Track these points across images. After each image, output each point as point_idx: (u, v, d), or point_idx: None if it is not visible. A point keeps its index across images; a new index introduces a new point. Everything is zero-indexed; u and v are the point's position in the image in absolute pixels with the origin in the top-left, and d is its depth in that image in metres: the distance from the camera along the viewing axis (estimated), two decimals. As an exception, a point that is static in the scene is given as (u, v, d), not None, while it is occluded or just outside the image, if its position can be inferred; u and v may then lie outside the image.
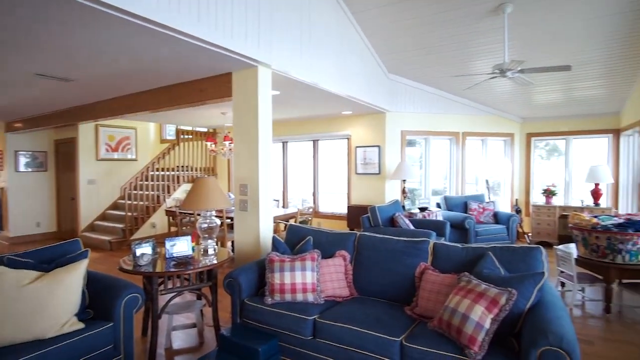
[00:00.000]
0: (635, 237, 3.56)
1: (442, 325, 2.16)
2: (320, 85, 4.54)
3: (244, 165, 3.72)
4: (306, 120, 7.65)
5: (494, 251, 2.50)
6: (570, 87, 5.98)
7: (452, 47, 5.26)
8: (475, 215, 6.32)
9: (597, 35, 4.61)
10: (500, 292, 2.05)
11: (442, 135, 7.05)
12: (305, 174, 8.06)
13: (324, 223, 7.55)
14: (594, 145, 7.04)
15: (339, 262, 2.98)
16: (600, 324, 3.54)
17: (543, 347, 1.76)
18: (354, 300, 2.81)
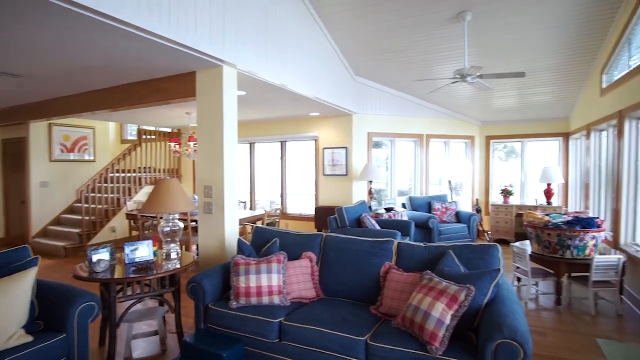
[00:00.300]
0: (581, 234, 3.81)
1: (406, 323, 2.21)
2: (288, 86, 4.53)
3: (208, 166, 3.64)
4: (274, 122, 7.61)
5: (454, 249, 2.60)
6: (524, 93, 6.32)
7: (416, 51, 5.42)
8: (439, 215, 6.53)
9: (548, 45, 4.91)
10: (460, 288, 2.13)
11: (407, 137, 7.23)
12: (273, 175, 8.01)
13: (292, 224, 7.53)
14: (546, 147, 7.49)
15: (305, 263, 2.98)
16: (552, 315, 3.76)
17: (499, 340, 1.85)
18: (320, 301, 2.82)
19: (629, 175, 4.23)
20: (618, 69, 4.58)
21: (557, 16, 4.36)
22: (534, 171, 7.36)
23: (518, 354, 1.83)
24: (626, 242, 4.28)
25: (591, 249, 3.86)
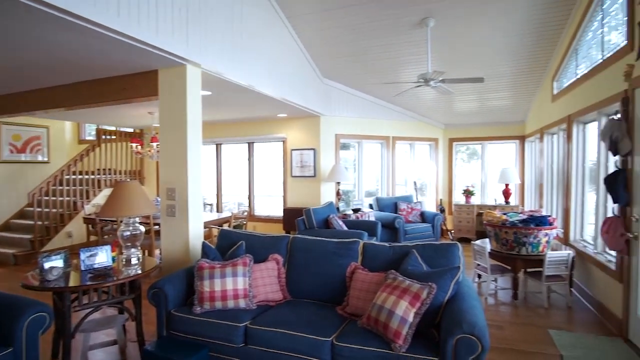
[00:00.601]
0: (535, 231, 4.04)
1: (371, 322, 2.25)
2: (255, 87, 4.49)
3: (171, 167, 3.53)
4: (241, 122, 7.50)
5: (417, 249, 2.67)
6: (484, 98, 6.62)
7: (382, 55, 5.53)
8: (405, 215, 6.69)
9: (505, 53, 5.16)
10: (422, 286, 2.19)
11: (374, 139, 7.36)
12: (241, 177, 7.89)
13: (260, 227, 7.45)
14: (504, 149, 7.87)
15: (272, 265, 2.95)
16: (509, 309, 3.95)
17: (458, 336, 1.92)
18: (287, 303, 2.81)
19: (577, 176, 4.53)
20: (567, 76, 4.90)
21: (513, 26, 4.59)
22: (494, 172, 7.72)
23: (476, 347, 1.91)
24: (575, 238, 4.57)
25: (544, 246, 4.10)
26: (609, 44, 3.67)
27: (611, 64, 3.48)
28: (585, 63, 4.24)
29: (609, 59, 3.53)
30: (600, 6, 3.83)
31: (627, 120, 3.11)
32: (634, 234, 3.03)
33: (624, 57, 3.21)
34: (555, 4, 4.20)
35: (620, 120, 3.17)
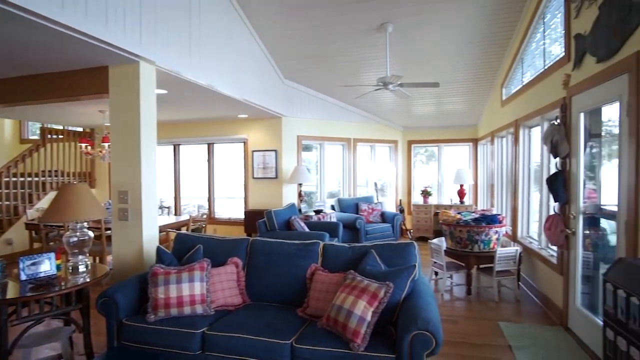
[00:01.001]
0: (487, 229, 4.26)
1: (330, 323, 2.26)
2: (215, 87, 4.39)
3: (123, 169, 3.36)
4: (200, 122, 7.29)
5: (375, 249, 2.73)
6: (440, 102, 6.89)
7: (343, 58, 5.60)
8: (366, 216, 6.81)
9: (459, 59, 5.41)
10: (380, 286, 2.24)
11: (336, 140, 7.44)
12: (201, 178, 7.67)
13: (221, 230, 7.28)
14: (459, 151, 8.24)
15: (231, 269, 2.89)
16: (463, 304, 4.13)
17: (414, 332, 1.98)
18: (246, 307, 2.76)
19: (523, 177, 4.83)
20: (514, 83, 5.22)
21: (464, 35, 4.83)
22: (450, 173, 8.05)
23: (431, 343, 1.98)
24: (522, 235, 4.88)
25: (494, 243, 4.33)
26: (550, 54, 3.95)
27: (552, 73, 3.75)
28: (530, 71, 4.54)
29: (550, 68, 3.81)
30: (542, 19, 4.12)
31: (565, 125, 3.37)
32: (572, 230, 3.28)
33: (563, 67, 3.48)
34: (502, 16, 4.46)
35: (560, 125, 3.42)
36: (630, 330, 1.68)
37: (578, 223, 3.21)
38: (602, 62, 2.77)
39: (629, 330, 1.69)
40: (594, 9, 2.85)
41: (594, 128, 3.21)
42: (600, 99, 2.84)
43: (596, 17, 2.82)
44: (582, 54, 3.06)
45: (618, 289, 1.77)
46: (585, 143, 3.19)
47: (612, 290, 1.83)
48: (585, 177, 3.25)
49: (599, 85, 2.83)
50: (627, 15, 2.43)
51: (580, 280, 3.21)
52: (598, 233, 3.24)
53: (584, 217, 3.20)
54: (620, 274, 1.80)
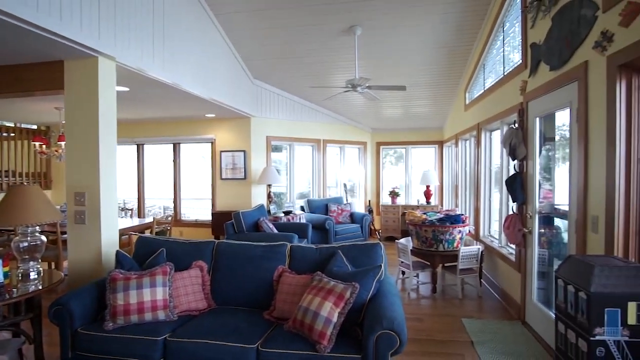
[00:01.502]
0: (451, 229, 4.39)
1: (297, 325, 2.25)
2: (181, 86, 4.27)
3: (80, 169, 3.19)
4: (166, 122, 7.06)
5: (342, 249, 2.74)
6: (408, 105, 7.06)
7: (312, 59, 5.61)
8: (335, 217, 6.85)
9: (425, 63, 5.56)
10: (346, 286, 2.25)
11: (305, 141, 7.43)
12: (166, 179, 7.43)
13: (187, 232, 7.09)
14: (426, 153, 8.47)
15: (195, 273, 2.81)
16: (429, 302, 4.24)
17: (379, 332, 2.01)
18: (211, 312, 2.69)
19: (485, 178, 5.03)
20: (476, 88, 5.43)
21: (429, 40, 4.97)
22: (417, 174, 8.26)
23: (395, 342, 2.01)
24: (484, 234, 5.08)
25: (458, 242, 4.48)
26: (509, 61, 4.13)
27: (511, 79, 3.93)
28: (492, 77, 4.73)
29: (509, 74, 3.99)
30: (502, 28, 4.31)
31: (522, 129, 3.53)
32: (528, 228, 3.45)
33: (520, 74, 3.65)
34: (465, 23, 4.63)
35: (518, 129, 3.59)
36: (578, 323, 1.78)
37: (534, 222, 3.37)
38: (554, 70, 2.93)
39: (577, 323, 1.79)
40: (547, 20, 3.01)
41: (549, 132, 3.39)
42: (554, 105, 3.01)
43: (550, 28, 2.98)
44: (538, 62, 3.23)
45: (568, 285, 1.88)
46: (540, 146, 3.36)
47: (563, 286, 1.93)
48: (542, 178, 3.42)
49: (552, 92, 2.99)
50: (576, 27, 2.59)
51: (536, 277, 3.38)
52: (552, 231, 3.43)
53: (540, 216, 3.37)
54: (570, 271, 1.90)
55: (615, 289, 1.67)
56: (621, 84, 2.18)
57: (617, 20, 2.14)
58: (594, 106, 2.43)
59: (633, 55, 2.03)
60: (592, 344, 1.69)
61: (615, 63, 2.19)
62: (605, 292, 1.67)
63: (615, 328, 1.68)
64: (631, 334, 1.67)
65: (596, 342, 1.69)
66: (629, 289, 1.67)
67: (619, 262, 1.78)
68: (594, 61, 2.41)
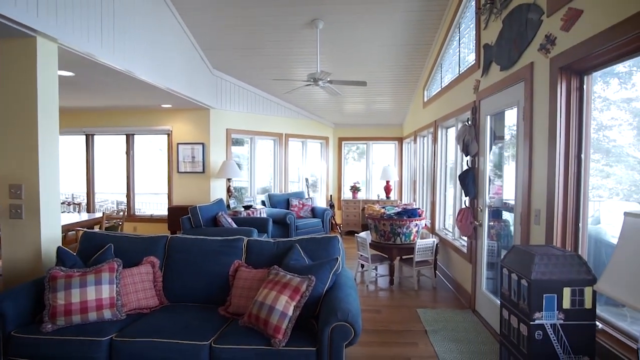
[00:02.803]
0: (408, 222, 4.52)
1: (252, 320, 2.21)
2: (134, 73, 4.04)
3: (15, 160, 2.92)
4: (118, 111, 6.68)
5: (300, 243, 2.73)
6: (369, 101, 7.15)
7: (274, 51, 5.51)
8: (296, 211, 6.82)
9: (385, 60, 5.65)
10: (302, 280, 2.24)
11: (267, 135, 7.33)
12: (119, 172, 7.04)
13: (142, 227, 6.77)
14: (386, 149, 8.65)
15: (146, 269, 2.68)
16: (386, 294, 4.34)
17: (334, 324, 2.01)
18: (163, 309, 2.58)
19: (441, 174, 5.21)
20: (434, 86, 5.60)
21: (392, 37, 5.05)
22: (377, 170, 8.41)
23: (350, 333, 2.03)
24: (439, 227, 5.27)
25: (415, 235, 4.61)
26: (464, 61, 4.29)
27: (465, 78, 4.08)
28: (448, 75, 4.90)
29: (464, 74, 4.14)
30: (458, 28, 4.46)
31: (475, 127, 3.69)
32: (479, 221, 3.61)
33: (474, 73, 3.80)
34: (425, 22, 4.75)
35: (471, 126, 3.74)
36: (520, 309, 1.89)
37: (485, 215, 3.54)
38: (504, 70, 3.07)
39: (519, 309, 1.90)
40: (499, 21, 3.15)
41: (499, 131, 3.56)
42: (503, 104, 3.16)
43: (500, 30, 3.12)
44: (489, 62, 3.37)
45: (512, 273, 1.98)
46: (491, 143, 3.52)
47: (507, 274, 2.04)
48: (492, 174, 3.59)
49: (502, 91, 3.14)
50: (524, 29, 2.72)
51: (485, 267, 3.55)
52: (501, 224, 3.62)
53: (490, 210, 3.54)
54: (514, 260, 2.01)
55: (553, 276, 1.78)
56: (562, 85, 2.32)
57: (559, 24, 2.27)
58: (538, 105, 2.58)
59: (572, 58, 2.17)
60: (532, 328, 1.80)
61: (557, 65, 2.33)
62: (544, 279, 1.78)
63: (552, 312, 1.79)
64: (566, 317, 1.79)
65: (535, 326, 1.80)
66: (565, 275, 1.79)
67: (557, 251, 1.90)
68: (539, 63, 2.55)
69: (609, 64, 2.09)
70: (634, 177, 2.44)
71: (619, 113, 2.42)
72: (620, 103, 2.38)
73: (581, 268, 1.80)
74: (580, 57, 2.09)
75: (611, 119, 2.35)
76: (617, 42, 1.82)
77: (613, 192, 2.45)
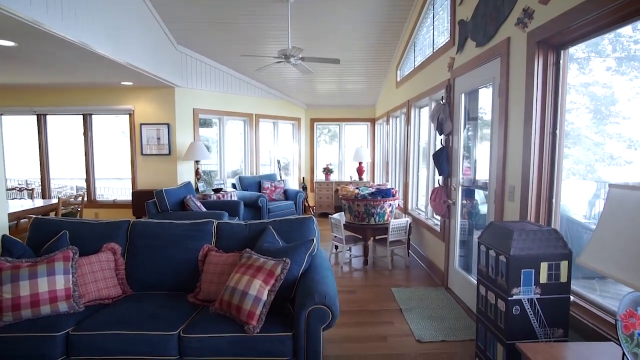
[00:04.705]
0: (382, 202, 4.49)
1: (223, 307, 2.09)
2: (90, 46, 3.68)
3: (-50, 140, 2.60)
4: (74, 88, 6.17)
5: (273, 225, 2.61)
6: (342, 81, 7.00)
7: (244, 26, 5.22)
8: (268, 194, 6.67)
9: (358, 39, 5.49)
10: (277, 262, 2.13)
11: (237, 116, 7.05)
12: (78, 155, 6.57)
13: (104, 213, 6.41)
14: (359, 130, 8.58)
15: (106, 257, 2.48)
16: (361, 274, 4.33)
17: (310, 307, 1.93)
18: (127, 299, 2.41)
19: (414, 154, 5.21)
20: (407, 66, 5.53)
21: (364, 14, 4.88)
22: (350, 151, 8.35)
23: (328, 316, 1.96)
24: (412, 207, 5.30)
25: (389, 215, 4.60)
26: (438, 39, 4.22)
27: (439, 56, 4.02)
28: (422, 54, 4.83)
29: (438, 51, 4.08)
30: (432, 5, 4.37)
31: (449, 105, 3.65)
32: (452, 200, 3.62)
33: (449, 51, 3.74)
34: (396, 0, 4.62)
35: (445, 104, 3.70)
36: (498, 285, 1.88)
37: (458, 194, 3.55)
38: (480, 46, 3.02)
39: (497, 285, 1.89)
40: (475, -5, 3.08)
41: (473, 112, 3.54)
42: (478, 81, 3.12)
43: (476, 5, 3.05)
44: (465, 38, 3.31)
45: (490, 250, 1.96)
46: (465, 122, 3.50)
47: (485, 251, 2.02)
48: (465, 153, 3.59)
49: (477, 67, 3.09)
50: (501, 3, 2.66)
51: (458, 245, 3.59)
52: (472, 203, 3.65)
53: (462, 189, 3.56)
54: (491, 236, 1.99)
55: (530, 251, 1.77)
56: (538, 60, 2.28)
57: (538, -4, 2.22)
58: (514, 81, 2.55)
59: (550, 31, 2.12)
60: (510, 304, 1.79)
61: (534, 39, 2.28)
62: (522, 255, 1.77)
63: (529, 287, 1.79)
64: (542, 291, 1.80)
65: (513, 302, 1.79)
66: (542, 250, 1.78)
67: (533, 226, 1.89)
68: (516, 38, 2.51)
69: (587, 37, 2.06)
70: (589, 158, 2.51)
71: (577, 97, 2.46)
72: (579, 87, 2.43)
73: (558, 243, 1.80)
74: (558, 30, 2.05)
75: (570, 102, 2.37)
76: (595, 14, 1.79)
77: (570, 172, 2.50)
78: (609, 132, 2.11)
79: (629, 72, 2.24)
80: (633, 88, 2.22)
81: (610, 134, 2.28)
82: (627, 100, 2.26)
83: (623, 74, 2.26)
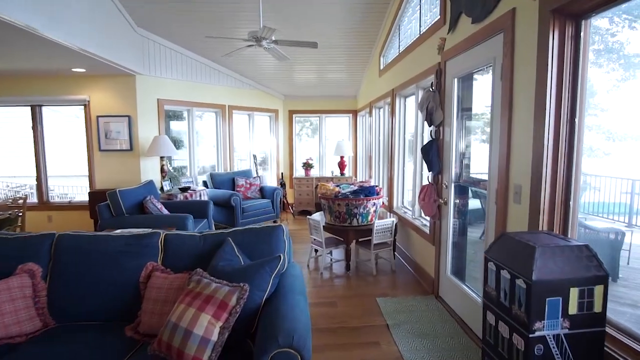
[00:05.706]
0: (365, 202, 4.07)
1: (162, 349, 1.61)
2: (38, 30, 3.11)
3: None
4: (18, 77, 5.47)
5: (234, 236, 2.13)
6: (321, 69, 6.51)
7: (210, 5, 4.66)
8: (243, 192, 6.16)
9: (338, 24, 5.00)
10: (232, 289, 1.66)
11: (207, 107, 6.48)
12: (26, 152, 5.88)
13: (58, 217, 5.77)
14: (340, 123, 8.13)
15: (20, 282, 1.96)
16: (342, 282, 3.91)
17: (274, 352, 1.47)
18: (46, 334, 1.90)
19: (399, 147, 4.80)
20: (391, 52, 5.09)
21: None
22: (331, 145, 7.90)
23: None
24: (398, 205, 4.90)
25: (372, 215, 4.19)
26: (426, 18, 3.79)
27: (428, 38, 3.59)
28: (407, 38, 4.40)
29: (426, 32, 3.65)
30: (419, -19, 3.93)
31: (440, 92, 3.24)
32: (444, 199, 3.23)
33: (439, 31, 3.32)
34: (381, -28, 4.16)
35: (435, 91, 3.28)
36: (514, 316, 1.47)
37: (450, 192, 3.15)
38: (477, 22, 2.61)
39: (512, 316, 1.48)
40: (471, -37, 2.65)
41: (466, 102, 3.13)
42: (475, 63, 2.70)
43: (472, -27, 2.63)
44: (458, 15, 2.89)
45: (502, 269, 1.55)
46: (458, 111, 3.09)
47: (495, 270, 1.61)
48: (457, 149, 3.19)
49: (473, 47, 2.68)
50: (504, -32, 2.24)
51: (451, 250, 3.20)
52: (465, 200, 3.26)
53: (456, 185, 3.16)
54: (503, 252, 1.58)
55: (558, 275, 1.37)
56: (554, 33, 1.88)
57: (554, -48, 1.80)
58: (521, 61, 2.14)
59: (569, -4, 1.71)
60: (531, 342, 1.38)
61: (548, 8, 1.87)
62: (547, 279, 1.36)
63: (555, 320, 1.39)
64: (571, 324, 1.40)
65: (535, 339, 1.38)
66: (572, 273, 1.38)
67: (559, 240, 1.49)
68: (523, 8, 2.10)
69: (613, 2, 1.67)
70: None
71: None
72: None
73: (590, 262, 1.40)
74: (581, -7, 1.64)
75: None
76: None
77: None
78: (588, 124, 1.89)
79: (606, 64, 2.23)
80: (610, 80, 2.26)
81: (590, 126, 2.18)
82: (605, 92, 2.28)
83: (601, 66, 2.22)
